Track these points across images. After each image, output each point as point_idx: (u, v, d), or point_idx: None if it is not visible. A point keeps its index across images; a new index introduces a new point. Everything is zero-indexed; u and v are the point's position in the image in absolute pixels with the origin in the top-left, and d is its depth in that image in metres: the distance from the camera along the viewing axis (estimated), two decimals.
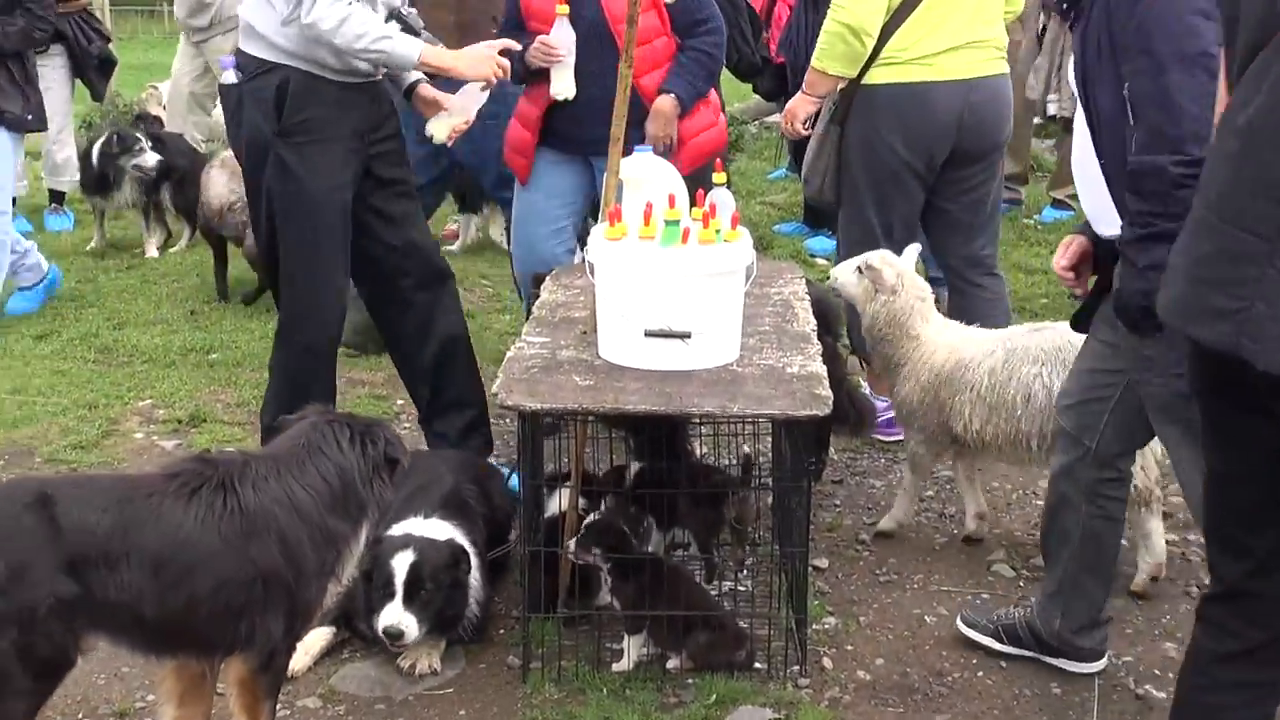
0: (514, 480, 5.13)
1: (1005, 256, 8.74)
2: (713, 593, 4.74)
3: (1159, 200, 3.55)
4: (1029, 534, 5.39)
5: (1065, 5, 3.94)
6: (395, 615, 4.23)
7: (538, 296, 5.10)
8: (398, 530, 4.43)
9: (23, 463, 6.03)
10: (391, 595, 4.25)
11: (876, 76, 5.74)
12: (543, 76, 5.81)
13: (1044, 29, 9.68)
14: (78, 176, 10.08)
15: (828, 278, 5.70)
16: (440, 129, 5.32)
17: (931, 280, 5.57)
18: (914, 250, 5.36)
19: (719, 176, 4.81)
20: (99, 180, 9.58)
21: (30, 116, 7.74)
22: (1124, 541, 4.56)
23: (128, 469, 5.96)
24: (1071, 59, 4.02)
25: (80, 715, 4.20)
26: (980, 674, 4.47)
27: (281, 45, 5.09)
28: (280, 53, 5.11)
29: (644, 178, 4.61)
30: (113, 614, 3.43)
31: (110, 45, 10.00)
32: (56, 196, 10.46)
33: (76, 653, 3.45)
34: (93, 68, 9.71)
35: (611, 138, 4.50)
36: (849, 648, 4.62)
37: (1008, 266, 8.59)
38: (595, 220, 6.04)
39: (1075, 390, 4.23)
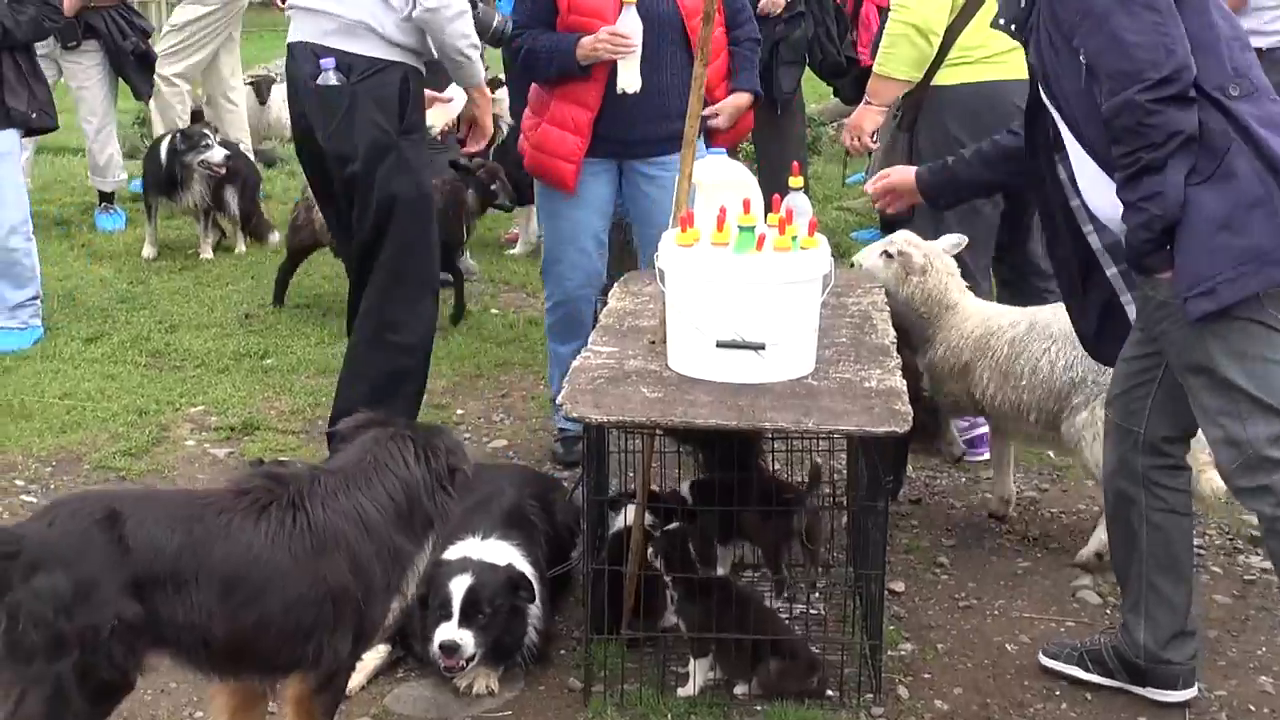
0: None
1: None
2: (783, 616, 4.65)
3: (1136, 135, 3.71)
4: None
5: (1015, 28, 4.16)
6: (451, 631, 4.19)
7: (605, 304, 5.03)
8: (456, 552, 4.38)
9: (71, 469, 6.04)
10: (448, 616, 4.20)
11: (946, 77, 5.70)
12: (592, 73, 5.64)
13: None
14: (123, 176, 10.14)
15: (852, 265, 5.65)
16: (438, 119, 5.66)
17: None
18: (953, 239, 5.47)
19: (795, 180, 4.73)
20: (168, 179, 9.57)
21: (35, 114, 7.58)
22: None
23: (179, 478, 5.95)
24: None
25: None
26: (1064, 706, 4.37)
27: (399, 41, 5.26)
28: (396, 49, 5.27)
29: (718, 181, 4.57)
30: (178, 636, 3.43)
31: (150, 40, 10.03)
32: (106, 196, 10.46)
33: (137, 675, 3.43)
34: (130, 64, 9.73)
35: (685, 139, 4.42)
36: (926, 676, 4.53)
37: None
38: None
39: (1118, 381, 4.32)
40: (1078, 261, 4.38)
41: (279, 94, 13.80)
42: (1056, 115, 4.09)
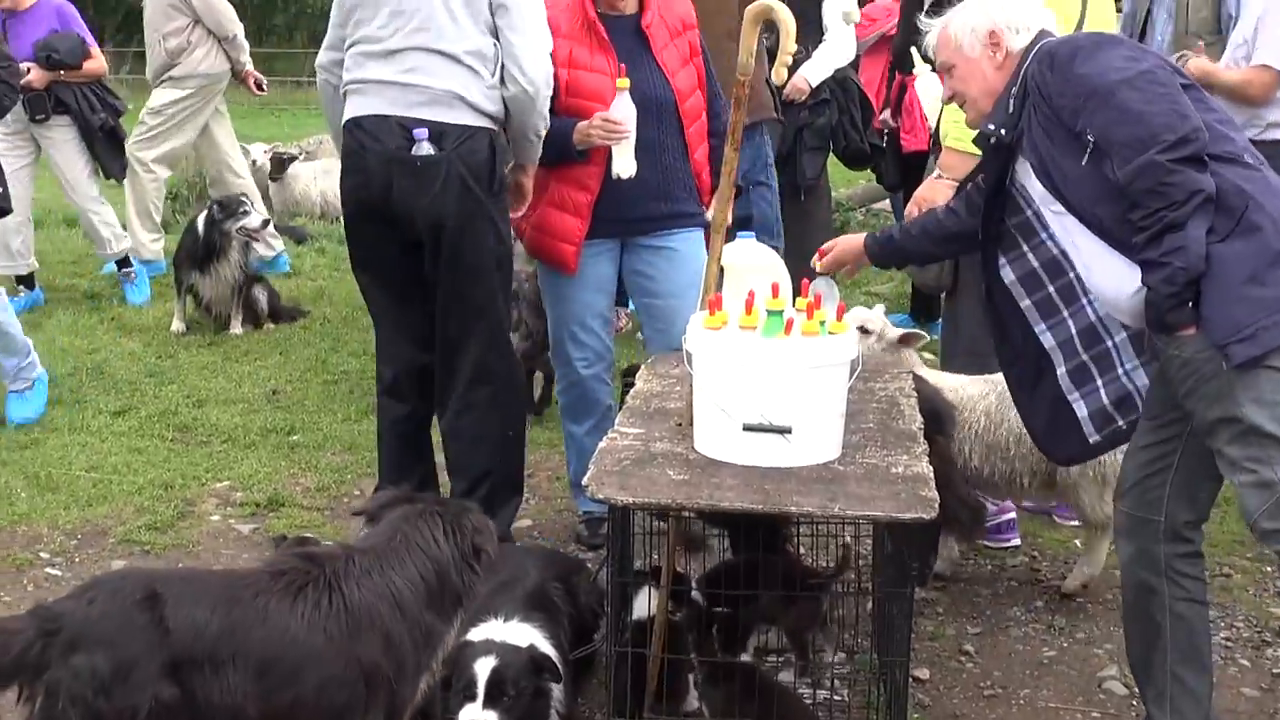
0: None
1: None
2: (807, 701, 4.65)
3: (1157, 195, 3.82)
4: None
5: (1004, 133, 4.30)
6: (476, 713, 4.19)
7: (632, 385, 5.07)
8: (480, 634, 4.41)
9: (96, 543, 6.09)
10: (473, 698, 4.22)
11: None
12: (590, 156, 5.69)
13: None
14: (127, 242, 10.20)
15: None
16: None
17: None
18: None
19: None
20: (205, 250, 9.65)
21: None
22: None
23: (203, 553, 5.99)
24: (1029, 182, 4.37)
25: None
26: None
27: (486, 109, 5.47)
28: (484, 116, 5.48)
29: (747, 265, 4.60)
30: (214, 716, 3.46)
31: (122, 119, 10.00)
32: (123, 262, 10.42)
33: None
34: (100, 141, 9.74)
35: (714, 223, 4.48)
36: None
37: None
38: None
39: (1130, 473, 4.36)
40: (1027, 360, 4.50)
41: (301, 170, 13.98)
42: (1052, 204, 4.24)
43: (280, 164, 13.34)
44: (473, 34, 5.45)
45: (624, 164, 5.61)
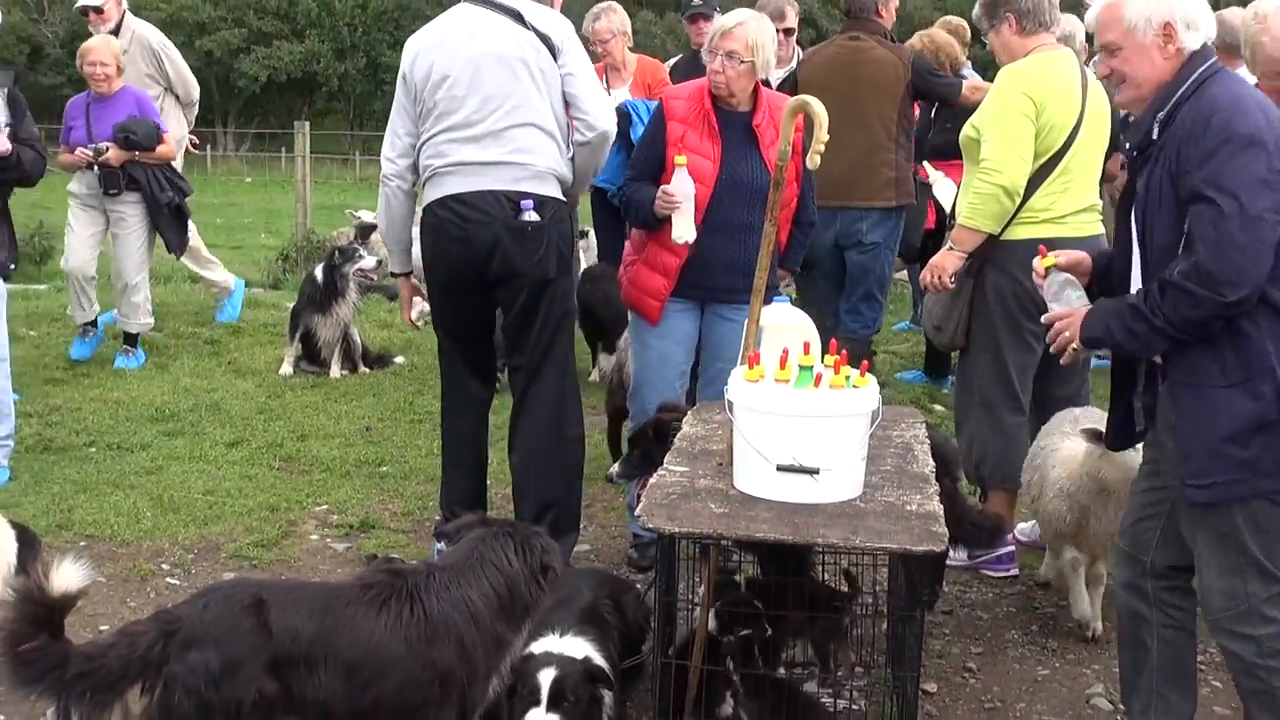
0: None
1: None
2: (830, 710, 4.61)
3: (1172, 310, 3.72)
4: None
5: (1135, 152, 4.03)
6: (540, 716, 4.18)
7: (679, 429, 5.07)
8: (539, 647, 4.40)
9: (210, 557, 6.12)
10: (537, 703, 4.20)
11: (1018, 233, 5.70)
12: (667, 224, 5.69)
13: None
14: (150, 320, 9.91)
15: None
16: None
17: None
18: None
19: None
20: (325, 292, 9.70)
21: (14, 265, 7.34)
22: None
23: (303, 568, 6.01)
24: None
25: None
26: None
27: (565, 178, 5.65)
28: (562, 188, 5.65)
29: (783, 325, 4.61)
30: (306, 711, 3.50)
31: (188, 199, 9.85)
32: (130, 338, 9.91)
33: None
34: (165, 218, 9.57)
35: (754, 289, 4.48)
36: None
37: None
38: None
39: (1132, 510, 4.31)
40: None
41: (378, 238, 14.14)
42: (1135, 238, 4.02)
43: (365, 231, 13.43)
44: (555, 105, 5.58)
45: (682, 230, 5.62)
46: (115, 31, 10.07)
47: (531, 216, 5.44)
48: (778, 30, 7.82)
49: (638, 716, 4.75)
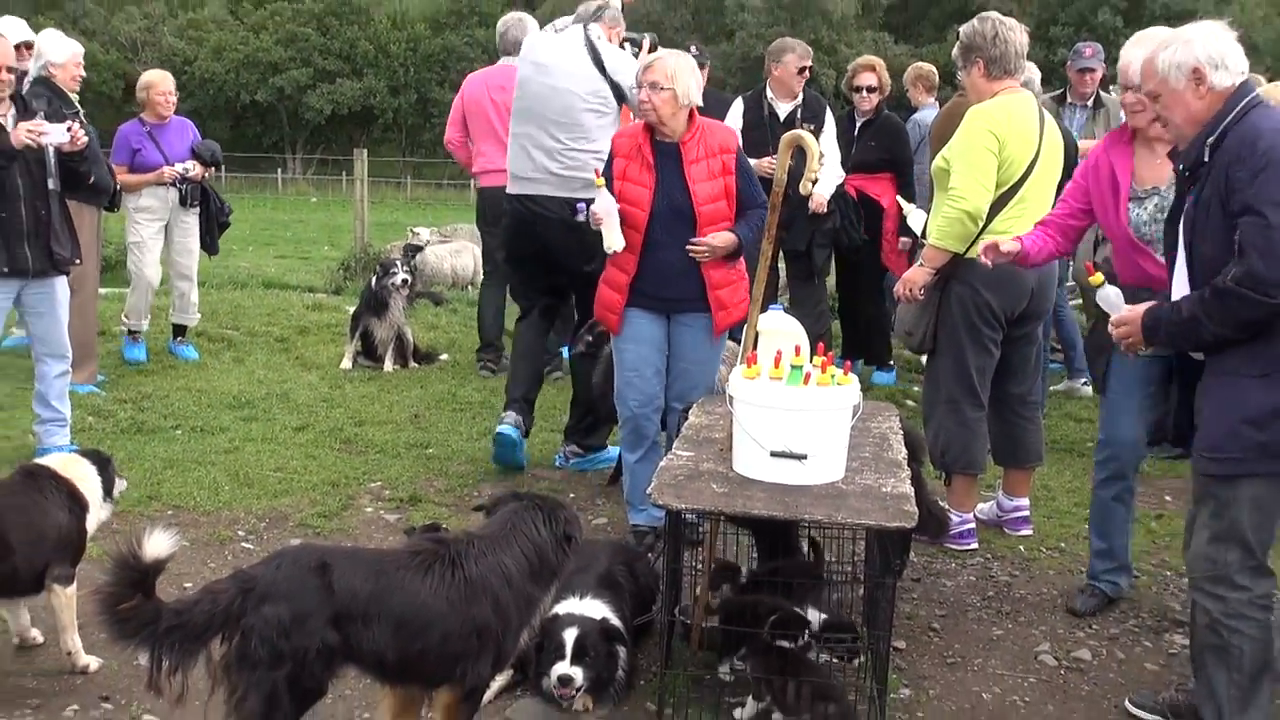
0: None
1: (1059, 407, 8.61)
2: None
3: (1224, 311, 3.67)
4: (1070, 630, 5.22)
5: (1187, 171, 3.96)
6: (565, 668, 4.22)
7: (686, 419, 5.08)
8: (563, 608, 4.42)
9: (279, 525, 6.13)
10: (563, 657, 4.23)
11: (978, 251, 5.66)
12: (627, 248, 5.65)
13: None
14: (198, 315, 9.82)
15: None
16: None
17: None
18: None
19: None
20: (376, 299, 9.76)
21: (78, 261, 6.93)
22: None
23: (359, 536, 6.02)
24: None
25: None
26: None
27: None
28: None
29: (776, 330, 4.62)
30: (362, 658, 3.54)
31: (230, 214, 9.87)
32: (179, 330, 9.76)
33: (329, 685, 3.54)
34: (215, 229, 9.58)
35: (752, 298, 4.51)
36: (920, 715, 4.50)
37: (1061, 415, 8.44)
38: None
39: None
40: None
41: (434, 251, 14.21)
42: (1181, 250, 3.96)
43: (409, 251, 13.42)
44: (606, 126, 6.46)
45: (610, 240, 5.62)
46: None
47: (583, 217, 5.87)
48: (796, 71, 8.37)
49: (648, 665, 4.76)
